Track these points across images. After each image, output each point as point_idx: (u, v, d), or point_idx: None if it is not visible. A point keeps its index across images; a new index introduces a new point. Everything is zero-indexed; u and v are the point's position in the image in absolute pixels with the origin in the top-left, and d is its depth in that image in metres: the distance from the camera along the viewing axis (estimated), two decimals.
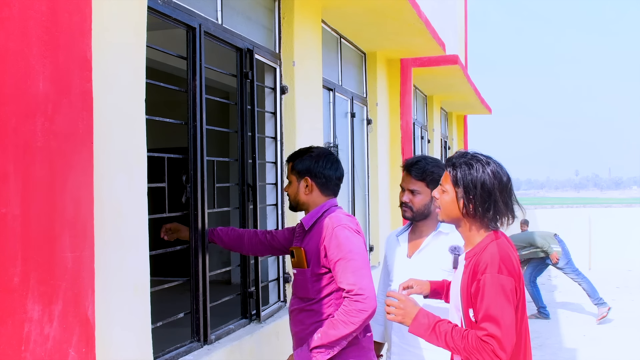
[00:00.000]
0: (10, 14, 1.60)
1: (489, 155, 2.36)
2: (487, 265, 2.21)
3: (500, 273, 2.20)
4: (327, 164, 2.85)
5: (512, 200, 2.33)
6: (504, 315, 2.17)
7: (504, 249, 2.27)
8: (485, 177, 2.27)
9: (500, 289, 2.18)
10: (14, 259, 1.59)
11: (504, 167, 2.34)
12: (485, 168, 2.29)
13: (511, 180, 2.35)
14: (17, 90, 1.62)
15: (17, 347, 1.60)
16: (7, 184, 1.58)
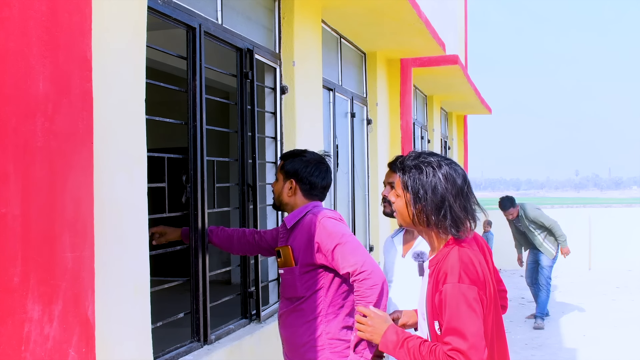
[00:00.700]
0: (10, 14, 1.60)
1: (444, 157, 2.19)
2: (446, 274, 2.08)
3: (461, 282, 2.05)
4: (316, 171, 2.86)
5: (471, 204, 2.16)
6: (469, 327, 2.02)
7: (466, 255, 2.11)
8: (436, 182, 2.11)
9: (463, 299, 2.04)
10: (14, 259, 1.59)
11: (459, 169, 2.17)
12: (436, 172, 2.13)
13: (468, 182, 2.18)
14: (17, 90, 1.62)
15: (17, 347, 1.60)
16: (7, 184, 1.58)
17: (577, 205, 18.14)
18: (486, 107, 13.22)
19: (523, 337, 8.05)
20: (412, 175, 2.14)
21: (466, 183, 2.16)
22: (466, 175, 2.18)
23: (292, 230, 2.82)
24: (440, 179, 2.12)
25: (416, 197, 2.13)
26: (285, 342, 2.85)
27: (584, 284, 12.51)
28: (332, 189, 5.59)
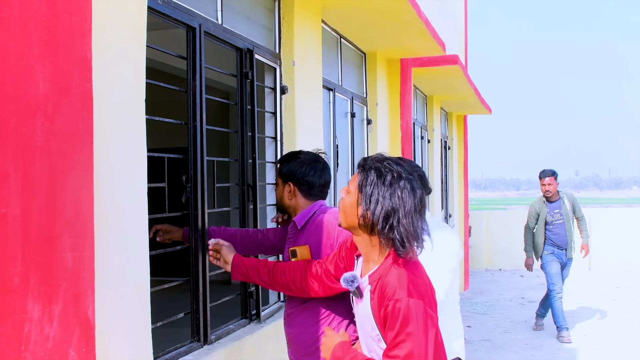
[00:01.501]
0: (10, 14, 1.60)
1: (412, 169, 2.09)
2: (395, 288, 1.99)
3: (410, 296, 1.97)
4: (311, 170, 2.84)
5: (421, 225, 2.05)
6: (416, 342, 1.96)
7: (411, 270, 2.04)
8: (391, 191, 2.02)
9: (411, 313, 1.96)
10: (14, 259, 1.59)
11: (418, 188, 2.06)
12: (395, 181, 2.03)
13: (423, 203, 2.07)
14: (17, 90, 1.62)
15: (17, 347, 1.60)
16: (7, 184, 1.58)
17: None
18: (486, 107, 13.21)
19: (523, 337, 8.05)
20: (370, 176, 2.05)
21: (421, 204, 2.06)
22: (424, 196, 2.09)
23: (303, 230, 2.81)
24: (396, 189, 2.02)
25: (367, 200, 2.03)
26: (292, 342, 2.81)
27: (584, 284, 12.51)
28: (332, 188, 5.59)
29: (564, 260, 7.80)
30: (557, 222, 7.67)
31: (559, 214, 7.64)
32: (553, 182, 7.55)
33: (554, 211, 7.68)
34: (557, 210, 7.69)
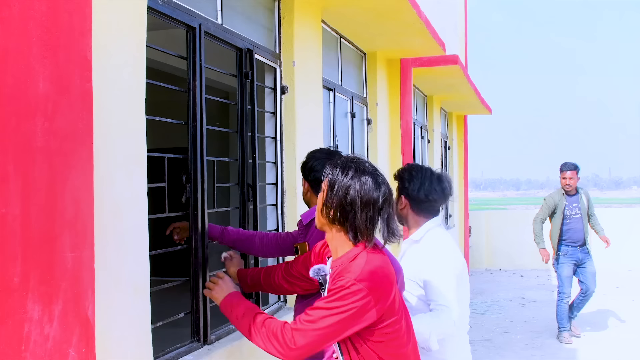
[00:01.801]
0: (10, 14, 1.60)
1: (376, 172, 2.21)
2: (348, 272, 2.07)
3: (358, 280, 2.04)
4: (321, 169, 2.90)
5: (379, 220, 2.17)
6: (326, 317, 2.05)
7: (375, 261, 2.11)
8: (351, 184, 2.14)
9: (346, 292, 2.03)
10: (14, 259, 1.59)
11: (384, 186, 2.17)
12: (356, 175, 2.15)
13: (387, 200, 2.17)
14: (17, 90, 1.62)
15: (17, 347, 1.60)
16: (7, 184, 1.58)
17: None
18: (486, 107, 13.22)
19: (523, 337, 8.05)
20: (335, 171, 2.20)
21: (384, 200, 2.17)
22: (388, 195, 2.20)
23: (309, 227, 2.89)
24: (356, 183, 2.14)
25: (329, 190, 2.17)
26: None
27: None
28: None
29: (579, 259, 7.66)
30: (574, 216, 7.56)
31: (577, 207, 7.53)
32: (574, 176, 7.42)
33: (573, 205, 7.58)
34: (576, 205, 7.58)
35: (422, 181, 3.03)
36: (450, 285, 2.85)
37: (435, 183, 3.04)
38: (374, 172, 2.21)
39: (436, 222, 3.07)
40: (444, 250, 2.95)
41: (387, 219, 2.20)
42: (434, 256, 2.92)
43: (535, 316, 9.28)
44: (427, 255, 2.93)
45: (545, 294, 11.34)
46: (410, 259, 2.98)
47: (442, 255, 2.92)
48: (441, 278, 2.86)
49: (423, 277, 2.89)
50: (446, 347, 2.90)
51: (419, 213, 3.05)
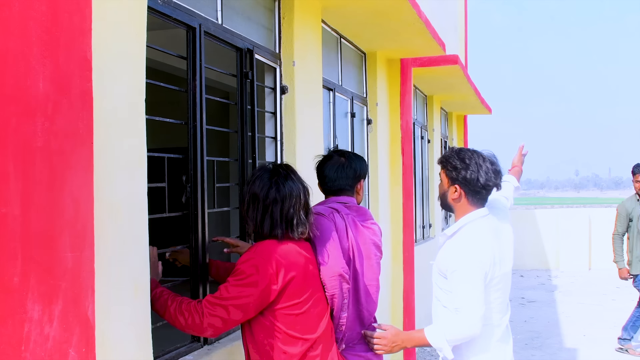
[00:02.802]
0: (10, 14, 1.60)
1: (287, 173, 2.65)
2: (243, 255, 2.55)
3: (246, 258, 2.50)
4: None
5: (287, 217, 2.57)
6: (225, 294, 2.47)
7: (271, 247, 2.53)
8: (250, 184, 2.64)
9: (242, 272, 2.47)
10: (14, 259, 1.59)
11: (283, 188, 2.59)
12: (256, 177, 2.65)
13: (286, 199, 2.58)
14: (17, 90, 1.62)
15: (17, 347, 1.60)
16: (7, 184, 1.58)
17: (577, 205, 18.16)
18: (486, 107, 13.22)
19: (523, 337, 8.05)
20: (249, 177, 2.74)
21: (268, 197, 2.59)
22: (282, 193, 2.59)
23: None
24: (252, 184, 2.65)
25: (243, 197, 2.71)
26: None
27: (584, 284, 12.51)
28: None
29: None
30: None
31: None
32: None
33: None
34: None
35: (478, 165, 2.84)
36: (470, 283, 2.71)
37: (489, 165, 2.86)
38: (276, 172, 2.64)
39: (478, 215, 2.86)
40: (470, 245, 2.78)
41: (282, 214, 2.58)
42: (458, 251, 2.80)
43: (535, 316, 9.28)
44: (454, 250, 2.83)
45: (545, 294, 11.34)
46: (441, 254, 2.92)
47: (466, 251, 2.77)
48: (462, 276, 2.74)
49: (448, 273, 2.83)
50: (469, 350, 2.82)
51: (474, 203, 2.87)
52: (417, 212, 9.09)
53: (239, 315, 2.48)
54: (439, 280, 2.92)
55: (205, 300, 2.53)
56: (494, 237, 2.86)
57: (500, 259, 2.82)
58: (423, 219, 9.68)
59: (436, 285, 2.96)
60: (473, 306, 2.71)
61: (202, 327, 2.50)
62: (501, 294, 2.86)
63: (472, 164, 2.84)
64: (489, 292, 2.78)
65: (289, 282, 2.49)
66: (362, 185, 3.17)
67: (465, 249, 2.79)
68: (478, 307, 2.72)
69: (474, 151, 2.93)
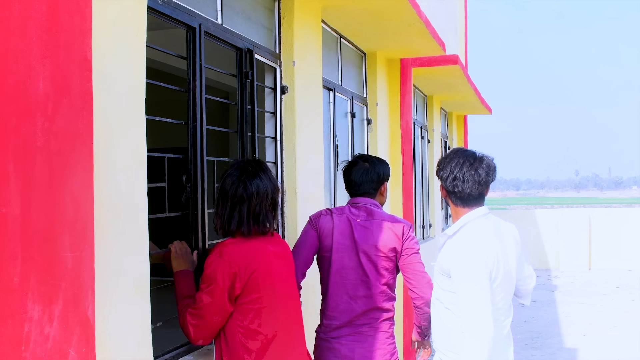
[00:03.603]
0: (10, 14, 1.60)
1: (256, 170, 2.79)
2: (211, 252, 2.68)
3: (209, 262, 2.63)
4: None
5: (254, 214, 2.71)
6: (199, 303, 2.62)
7: (232, 246, 2.67)
8: (225, 186, 2.78)
9: (207, 278, 2.62)
10: (14, 259, 1.59)
11: (250, 186, 2.72)
12: (227, 178, 2.80)
13: (253, 197, 2.72)
14: (17, 90, 1.62)
15: (17, 347, 1.60)
16: (7, 184, 1.58)
17: (577, 205, 18.18)
18: (486, 107, 13.22)
19: (523, 337, 8.05)
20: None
21: (237, 194, 2.73)
22: (256, 191, 2.74)
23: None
24: (222, 184, 2.81)
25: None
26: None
27: (584, 284, 12.52)
28: (332, 188, 5.59)
29: None
30: None
31: None
32: None
33: None
34: None
35: (451, 169, 2.83)
36: (475, 283, 2.66)
37: (466, 168, 2.81)
38: (245, 169, 2.79)
39: (477, 214, 2.84)
40: (473, 243, 2.74)
41: (250, 212, 2.70)
42: (461, 250, 2.74)
43: (535, 316, 9.28)
44: (456, 249, 2.77)
45: (545, 294, 11.34)
46: (443, 254, 2.87)
47: (469, 250, 2.72)
48: (466, 276, 2.68)
49: (451, 272, 2.77)
50: None
51: (457, 204, 2.86)
52: (417, 212, 9.09)
53: (217, 316, 2.63)
54: (441, 280, 2.87)
55: (187, 314, 2.67)
56: (495, 235, 2.82)
57: (504, 258, 2.78)
58: (423, 219, 9.69)
59: (437, 286, 2.93)
60: (480, 308, 2.64)
61: (196, 340, 2.70)
62: (504, 296, 2.80)
63: (447, 166, 2.84)
64: (494, 292, 2.72)
65: (250, 277, 2.62)
66: (385, 187, 3.45)
67: (468, 248, 2.74)
68: (485, 308, 2.65)
69: (458, 152, 2.90)
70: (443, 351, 2.92)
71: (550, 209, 16.01)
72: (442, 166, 2.88)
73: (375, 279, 3.23)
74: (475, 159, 2.84)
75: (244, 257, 2.65)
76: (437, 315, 2.96)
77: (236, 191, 2.73)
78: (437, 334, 2.97)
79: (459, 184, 2.81)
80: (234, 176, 2.77)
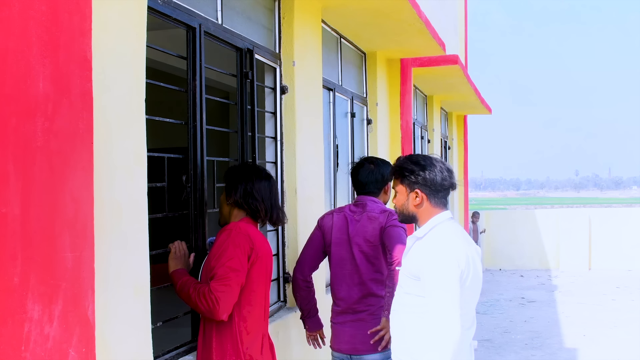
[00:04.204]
0: (10, 14, 1.60)
1: (254, 168, 3.12)
2: (225, 230, 2.85)
3: (235, 235, 2.78)
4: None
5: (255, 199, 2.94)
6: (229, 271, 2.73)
7: (248, 226, 2.89)
8: (237, 171, 3.06)
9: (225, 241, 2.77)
10: (14, 259, 1.59)
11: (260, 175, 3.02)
12: (244, 166, 3.15)
13: (260, 183, 2.99)
14: (17, 90, 1.62)
15: (17, 347, 1.60)
16: (7, 184, 1.58)
17: (577, 205, 18.19)
18: (486, 107, 13.22)
19: (523, 337, 8.06)
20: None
21: (271, 181, 3.07)
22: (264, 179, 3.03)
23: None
24: (239, 167, 3.19)
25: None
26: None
27: (584, 284, 12.52)
28: (332, 188, 5.60)
29: None
30: None
31: None
32: None
33: None
34: None
35: (438, 167, 2.82)
36: (447, 285, 2.61)
37: (441, 164, 2.84)
38: (252, 172, 3.07)
39: (446, 216, 2.82)
40: (445, 244, 2.71)
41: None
42: (433, 252, 2.68)
43: (535, 316, 9.28)
44: (428, 251, 2.71)
45: (545, 294, 11.34)
46: (411, 255, 2.80)
47: (442, 251, 2.68)
48: (438, 278, 2.62)
49: (423, 276, 2.68)
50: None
51: (436, 204, 2.82)
52: None
53: (238, 285, 2.76)
54: (408, 284, 2.78)
55: (211, 286, 2.71)
56: (464, 237, 2.80)
57: (473, 260, 2.72)
58: None
59: (402, 291, 2.82)
60: (450, 309, 2.59)
61: (218, 311, 2.71)
62: (471, 299, 2.74)
63: (428, 164, 2.82)
64: (463, 295, 2.65)
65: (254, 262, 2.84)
66: (389, 186, 3.68)
67: (440, 249, 2.69)
68: (455, 310, 2.59)
69: (424, 154, 3.00)
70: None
71: (550, 209, 16.01)
72: (421, 167, 2.82)
73: (366, 268, 3.54)
74: (444, 162, 2.91)
75: (251, 243, 2.86)
76: (399, 324, 2.85)
77: (261, 174, 3.13)
78: (399, 343, 2.84)
79: (446, 181, 2.82)
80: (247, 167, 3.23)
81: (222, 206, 3.05)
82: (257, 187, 2.98)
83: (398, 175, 2.86)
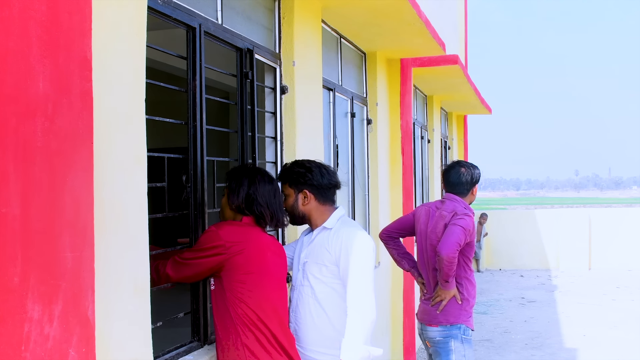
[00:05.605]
0: (10, 14, 1.60)
1: (257, 172, 3.02)
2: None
3: (216, 228, 2.82)
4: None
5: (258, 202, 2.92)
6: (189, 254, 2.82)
7: (232, 222, 2.92)
8: (239, 172, 3.03)
9: (205, 235, 2.82)
10: (14, 259, 1.59)
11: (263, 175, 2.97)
12: (245, 168, 3.10)
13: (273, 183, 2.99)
14: (17, 90, 1.62)
15: (17, 347, 1.60)
16: (7, 184, 1.58)
17: (577, 205, 18.20)
18: (486, 107, 13.22)
19: (523, 337, 8.06)
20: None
21: (271, 182, 3.02)
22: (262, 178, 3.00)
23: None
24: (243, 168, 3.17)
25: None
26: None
27: (584, 284, 12.52)
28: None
29: None
30: None
31: None
32: None
33: None
34: None
35: (320, 170, 3.14)
36: (369, 278, 2.93)
37: (323, 168, 3.17)
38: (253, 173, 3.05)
39: (342, 211, 3.16)
40: (362, 232, 3.04)
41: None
42: (353, 238, 2.98)
43: (535, 316, 9.29)
44: (347, 241, 2.98)
45: (545, 294, 11.35)
46: (320, 244, 3.05)
47: (362, 237, 3.00)
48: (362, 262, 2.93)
49: (342, 263, 2.95)
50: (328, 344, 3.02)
51: (325, 202, 3.14)
52: None
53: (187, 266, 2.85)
54: (318, 270, 3.02)
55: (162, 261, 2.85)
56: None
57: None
58: None
59: (312, 279, 3.05)
60: (370, 291, 2.91)
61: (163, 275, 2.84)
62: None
63: (313, 167, 3.14)
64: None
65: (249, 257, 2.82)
66: (476, 188, 4.17)
67: (362, 235, 3.01)
68: (372, 293, 2.92)
69: (308, 159, 3.26)
70: (321, 350, 3.02)
71: (550, 209, 16.02)
72: (307, 168, 3.13)
73: (434, 260, 3.98)
74: (327, 165, 3.26)
75: (232, 237, 2.87)
76: (308, 314, 3.07)
77: (264, 177, 3.07)
78: (311, 335, 3.05)
79: (332, 181, 3.16)
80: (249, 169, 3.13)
81: (224, 209, 3.03)
82: (261, 191, 2.95)
83: (286, 179, 3.19)
